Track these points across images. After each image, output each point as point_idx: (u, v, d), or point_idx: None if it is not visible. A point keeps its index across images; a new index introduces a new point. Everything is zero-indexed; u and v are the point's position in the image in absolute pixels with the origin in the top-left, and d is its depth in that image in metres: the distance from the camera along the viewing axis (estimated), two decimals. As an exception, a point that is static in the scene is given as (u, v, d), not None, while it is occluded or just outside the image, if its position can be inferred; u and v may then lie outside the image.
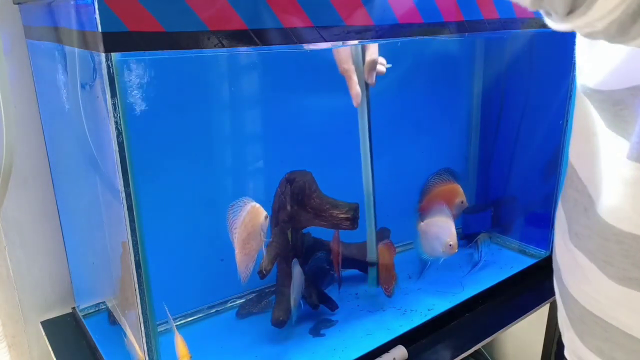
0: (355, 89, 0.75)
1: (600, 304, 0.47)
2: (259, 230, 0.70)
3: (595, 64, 0.42)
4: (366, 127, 0.80)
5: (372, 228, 0.87)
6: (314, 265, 0.86)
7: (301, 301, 0.82)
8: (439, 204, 0.90)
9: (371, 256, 0.89)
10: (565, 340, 0.57)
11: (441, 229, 0.88)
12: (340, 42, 0.63)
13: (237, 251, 0.69)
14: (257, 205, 0.70)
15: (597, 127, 0.45)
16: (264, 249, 0.72)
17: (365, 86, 0.77)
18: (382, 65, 0.77)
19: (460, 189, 0.94)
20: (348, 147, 0.85)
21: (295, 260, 0.79)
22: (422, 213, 0.93)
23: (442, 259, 0.91)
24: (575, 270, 0.50)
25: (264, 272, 0.77)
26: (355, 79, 0.74)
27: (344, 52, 0.73)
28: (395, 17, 0.64)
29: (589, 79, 0.43)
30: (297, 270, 0.79)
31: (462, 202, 0.94)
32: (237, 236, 0.69)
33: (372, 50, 0.75)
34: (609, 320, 0.46)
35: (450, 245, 0.87)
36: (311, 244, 0.86)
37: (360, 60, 0.75)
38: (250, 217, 0.69)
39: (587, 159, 0.48)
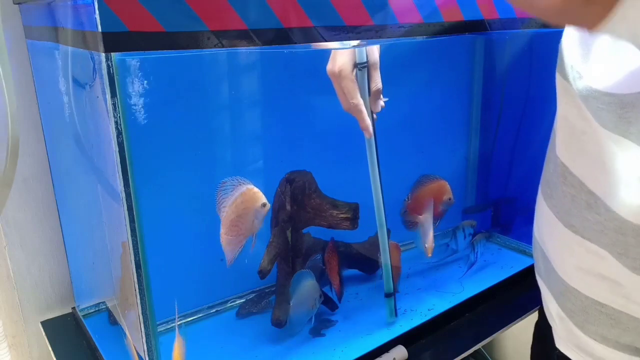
0: (366, 121, 0.73)
1: (609, 291, 0.48)
2: (252, 215, 0.65)
3: (604, 68, 0.44)
4: (374, 156, 0.78)
5: (386, 253, 0.84)
6: (314, 265, 0.86)
7: (313, 316, 0.79)
8: (428, 201, 0.91)
9: (388, 286, 0.84)
10: (558, 332, 0.57)
11: (429, 228, 0.89)
12: (347, 43, 0.63)
13: (222, 231, 0.64)
14: (256, 189, 0.65)
15: (587, 127, 0.47)
16: (253, 237, 0.66)
17: (371, 115, 0.76)
18: (381, 99, 0.77)
19: (448, 186, 0.94)
20: (348, 147, 0.85)
21: (309, 272, 0.77)
22: (409, 210, 0.93)
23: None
24: (578, 261, 0.51)
25: (264, 272, 0.77)
26: (365, 112, 0.73)
27: (352, 87, 0.70)
28: (395, 17, 0.64)
29: (597, 82, 0.44)
30: (310, 284, 0.76)
31: (449, 199, 0.94)
32: (225, 215, 0.64)
33: (377, 79, 0.73)
34: (618, 307, 0.48)
35: (426, 247, 0.88)
36: (311, 244, 0.86)
37: (366, 92, 0.74)
38: (243, 199, 0.64)
39: (581, 157, 0.50)
